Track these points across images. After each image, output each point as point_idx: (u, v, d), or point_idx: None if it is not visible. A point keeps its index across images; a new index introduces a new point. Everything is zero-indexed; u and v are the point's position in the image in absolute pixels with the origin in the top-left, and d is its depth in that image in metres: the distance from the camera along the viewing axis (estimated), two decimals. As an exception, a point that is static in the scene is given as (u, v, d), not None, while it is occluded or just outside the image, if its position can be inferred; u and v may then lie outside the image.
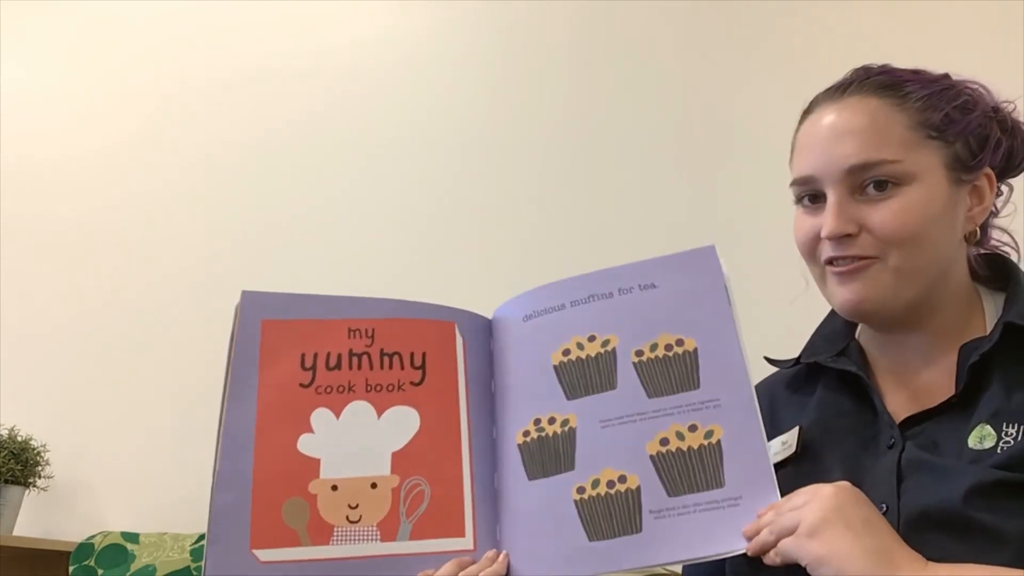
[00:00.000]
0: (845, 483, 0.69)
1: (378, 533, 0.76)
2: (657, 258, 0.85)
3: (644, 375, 0.80)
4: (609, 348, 0.82)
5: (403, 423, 0.82)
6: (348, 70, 2.18)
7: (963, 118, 0.78)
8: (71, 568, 1.44)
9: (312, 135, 2.15)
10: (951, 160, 0.77)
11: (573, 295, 0.85)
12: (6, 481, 1.77)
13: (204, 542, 0.74)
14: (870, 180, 0.76)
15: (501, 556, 0.75)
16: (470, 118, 2.08)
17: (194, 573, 1.42)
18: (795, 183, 0.82)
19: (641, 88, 2.01)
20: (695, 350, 0.80)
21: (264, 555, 0.74)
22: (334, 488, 0.78)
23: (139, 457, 1.94)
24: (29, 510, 1.84)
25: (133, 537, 1.49)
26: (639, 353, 0.81)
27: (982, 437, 0.70)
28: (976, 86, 0.83)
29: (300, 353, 0.83)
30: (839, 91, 0.81)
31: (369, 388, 0.83)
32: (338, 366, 0.83)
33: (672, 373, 0.80)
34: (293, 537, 0.75)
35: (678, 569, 0.93)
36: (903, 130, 0.77)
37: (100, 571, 1.44)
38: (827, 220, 0.77)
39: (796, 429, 0.82)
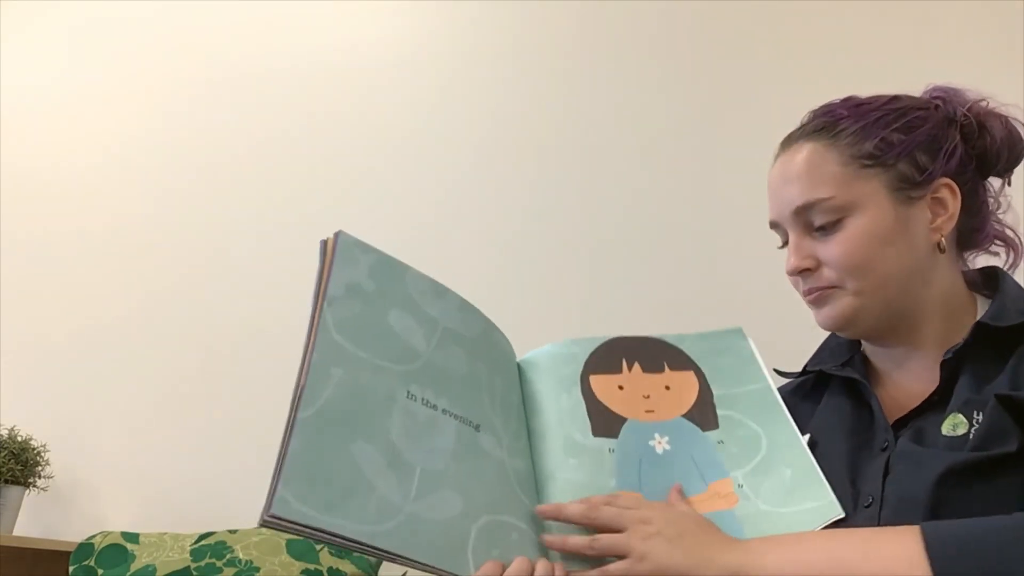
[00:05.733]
0: (659, 503, 0.75)
1: None
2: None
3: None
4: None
5: None
6: (348, 71, 2.18)
7: (905, 137, 0.82)
8: (71, 568, 1.44)
9: (312, 136, 2.15)
10: (894, 181, 0.82)
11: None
12: (6, 481, 1.77)
13: (202, 541, 0.70)
14: (815, 218, 0.83)
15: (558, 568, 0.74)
16: (470, 119, 2.08)
17: (194, 573, 1.41)
18: (770, 227, 0.90)
19: (647, 88, 2.00)
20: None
21: None
22: None
23: (139, 457, 1.94)
24: (29, 510, 1.84)
25: (133, 537, 1.49)
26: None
27: (955, 425, 0.74)
28: (936, 96, 0.86)
29: None
30: (788, 139, 0.89)
31: None
32: None
33: None
34: None
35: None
36: (836, 167, 0.82)
37: (100, 571, 1.43)
38: (787, 258, 0.85)
39: (807, 436, 0.86)
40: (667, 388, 0.88)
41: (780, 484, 0.81)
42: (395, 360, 0.75)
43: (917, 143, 0.82)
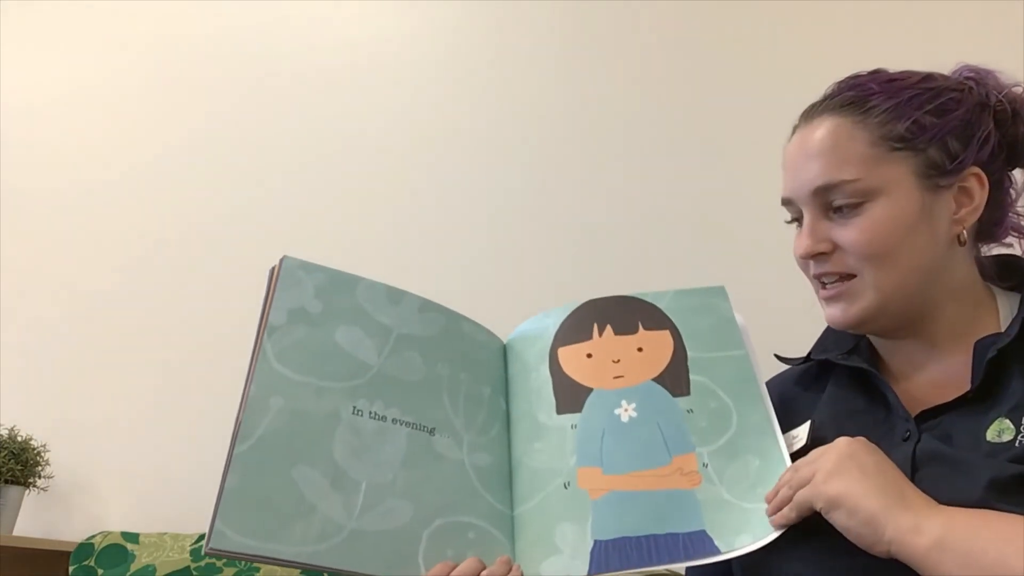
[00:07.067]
0: (860, 437, 0.71)
1: None
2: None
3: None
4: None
5: None
6: (347, 72, 2.18)
7: (938, 121, 0.77)
8: (71, 568, 1.44)
9: (313, 137, 2.15)
10: (923, 167, 0.77)
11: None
12: (6, 481, 1.77)
13: (202, 541, 0.71)
14: (835, 200, 0.78)
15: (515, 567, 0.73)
16: (471, 119, 2.08)
17: (194, 573, 1.41)
18: (782, 204, 0.84)
19: (649, 85, 2.00)
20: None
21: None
22: None
23: (139, 457, 1.93)
24: (29, 510, 1.84)
25: (133, 537, 1.49)
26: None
27: (1001, 431, 0.70)
28: (968, 77, 0.82)
29: None
30: (811, 110, 0.83)
31: None
32: None
33: None
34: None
35: (680, 570, 0.92)
36: (864, 147, 0.77)
37: (100, 571, 1.43)
38: (801, 240, 0.80)
39: (807, 423, 0.82)
40: (639, 350, 0.83)
41: (745, 473, 0.75)
42: (341, 378, 0.77)
43: (950, 128, 0.77)
